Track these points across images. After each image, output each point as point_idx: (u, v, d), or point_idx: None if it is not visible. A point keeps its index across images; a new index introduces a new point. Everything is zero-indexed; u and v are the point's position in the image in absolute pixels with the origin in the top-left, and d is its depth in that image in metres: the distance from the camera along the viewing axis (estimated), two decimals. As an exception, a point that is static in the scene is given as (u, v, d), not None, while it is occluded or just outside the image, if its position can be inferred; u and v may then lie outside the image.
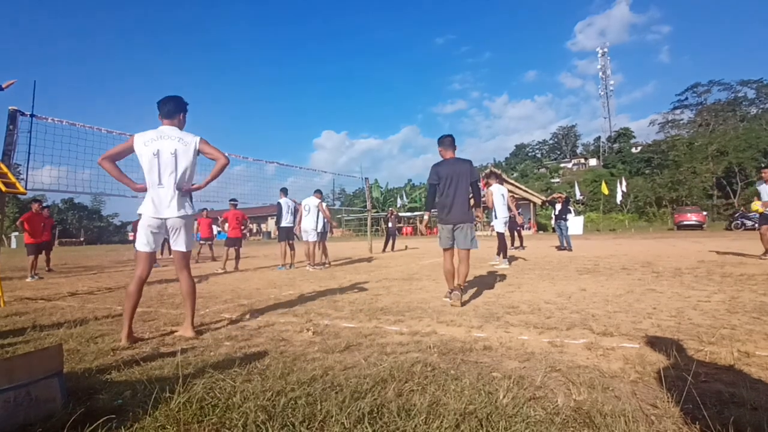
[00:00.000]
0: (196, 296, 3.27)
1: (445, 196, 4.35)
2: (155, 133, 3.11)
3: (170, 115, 3.23)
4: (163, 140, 3.09)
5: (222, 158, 3.16)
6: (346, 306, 4.24)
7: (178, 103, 3.27)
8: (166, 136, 3.10)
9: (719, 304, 3.75)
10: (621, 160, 54.80)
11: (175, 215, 3.07)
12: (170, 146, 3.07)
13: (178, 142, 3.10)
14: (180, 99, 3.31)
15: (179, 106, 3.27)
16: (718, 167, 38.92)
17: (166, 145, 3.08)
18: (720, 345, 2.53)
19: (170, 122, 3.22)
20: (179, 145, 3.09)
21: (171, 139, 3.09)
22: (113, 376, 2.22)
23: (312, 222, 8.82)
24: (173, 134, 3.13)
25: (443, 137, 4.54)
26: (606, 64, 71.76)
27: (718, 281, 5.11)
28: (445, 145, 4.50)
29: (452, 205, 4.31)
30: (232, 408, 1.74)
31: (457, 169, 4.33)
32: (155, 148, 3.05)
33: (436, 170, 4.40)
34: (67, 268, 11.40)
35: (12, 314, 4.20)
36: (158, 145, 3.07)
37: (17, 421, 1.60)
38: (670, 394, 1.78)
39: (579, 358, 2.39)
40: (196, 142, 3.16)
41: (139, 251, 3.10)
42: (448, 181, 4.32)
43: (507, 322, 3.33)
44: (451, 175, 4.32)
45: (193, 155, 3.15)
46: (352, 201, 57.27)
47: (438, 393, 1.87)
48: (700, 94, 55.21)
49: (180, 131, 3.19)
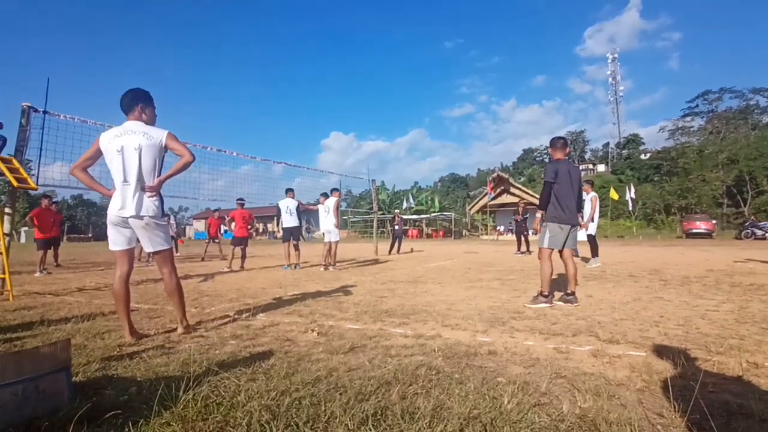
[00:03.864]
0: (182, 294, 3.20)
1: (564, 197, 4.31)
2: (119, 130, 2.98)
3: (128, 109, 3.06)
4: (127, 136, 2.93)
5: (186, 154, 2.98)
6: (350, 307, 4.24)
7: (134, 96, 3.08)
8: (129, 132, 2.95)
9: (728, 314, 3.70)
10: (630, 166, 54.34)
11: (135, 214, 2.92)
12: (134, 141, 2.91)
13: (143, 136, 2.93)
14: (137, 91, 3.11)
15: (135, 99, 3.07)
16: (729, 175, 38.45)
17: (130, 141, 2.92)
18: (728, 355, 2.50)
19: (132, 117, 3.05)
20: (143, 139, 2.93)
21: (135, 134, 2.94)
22: (119, 372, 2.24)
23: (332, 222, 8.92)
24: (138, 129, 2.97)
25: (556, 139, 4.57)
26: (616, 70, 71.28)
27: (727, 290, 5.05)
28: (557, 146, 4.53)
29: (571, 205, 4.34)
30: (237, 407, 1.74)
31: (572, 171, 4.40)
32: (119, 145, 2.91)
33: (555, 168, 4.34)
34: (75, 263, 11.51)
35: (21, 308, 4.25)
36: (122, 141, 2.92)
37: (25, 414, 1.62)
38: (676, 404, 1.76)
39: (585, 365, 2.37)
40: (162, 136, 3.00)
41: (113, 251, 3.06)
42: (567, 181, 4.33)
43: (512, 327, 3.31)
44: (568, 176, 4.34)
45: (158, 150, 2.99)
46: (358, 202, 57.27)
47: (442, 397, 1.87)
48: (710, 101, 54.58)
49: (146, 126, 3.03)
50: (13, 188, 5.23)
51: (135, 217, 2.92)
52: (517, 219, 13.44)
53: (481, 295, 4.99)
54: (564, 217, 4.29)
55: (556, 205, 4.32)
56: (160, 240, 3.10)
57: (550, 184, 4.31)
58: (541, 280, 4.29)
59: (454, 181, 77.84)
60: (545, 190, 4.35)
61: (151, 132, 2.99)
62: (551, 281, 4.27)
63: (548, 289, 4.21)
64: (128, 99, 3.06)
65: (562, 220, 4.30)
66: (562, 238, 4.32)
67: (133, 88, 3.12)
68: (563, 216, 4.29)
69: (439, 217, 41.44)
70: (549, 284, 4.23)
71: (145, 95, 3.13)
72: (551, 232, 4.33)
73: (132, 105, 3.05)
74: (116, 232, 3.01)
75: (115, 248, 3.05)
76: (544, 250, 4.34)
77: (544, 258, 4.32)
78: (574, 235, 4.40)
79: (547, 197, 4.36)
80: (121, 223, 2.97)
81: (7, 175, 5.01)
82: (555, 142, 4.56)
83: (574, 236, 4.41)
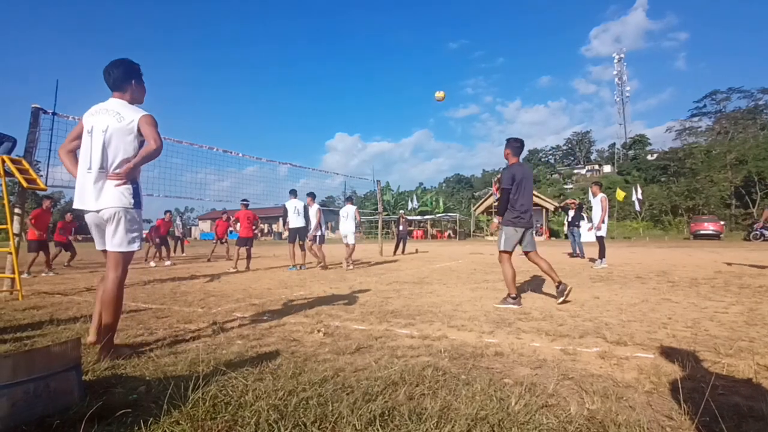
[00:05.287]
0: (117, 308, 2.56)
1: (521, 201, 4.41)
2: (97, 107, 2.57)
3: (118, 85, 2.59)
4: (100, 115, 2.50)
5: (152, 142, 2.47)
6: (356, 308, 4.25)
7: (128, 70, 2.60)
8: (104, 110, 2.52)
9: (737, 316, 3.67)
10: (636, 167, 54.05)
11: (96, 208, 2.47)
12: (103, 122, 2.47)
13: (114, 117, 2.48)
14: (130, 63, 2.62)
15: (130, 73, 2.61)
16: (737, 176, 38.13)
17: (99, 121, 2.48)
18: (738, 357, 2.48)
19: (120, 95, 2.59)
20: (113, 121, 2.47)
21: (108, 114, 2.50)
22: (128, 371, 2.26)
23: (351, 226, 9.68)
24: (113, 108, 2.52)
25: (514, 140, 4.58)
26: (622, 70, 71.06)
27: (736, 292, 5.00)
28: (514, 149, 4.55)
29: (529, 208, 4.47)
30: (245, 406, 1.75)
31: (527, 174, 4.49)
32: (89, 125, 2.50)
33: (512, 173, 4.40)
34: (83, 264, 11.61)
35: (30, 308, 4.30)
36: (93, 120, 2.50)
37: (36, 412, 1.64)
38: (686, 406, 1.75)
39: (592, 367, 2.36)
40: (136, 118, 2.51)
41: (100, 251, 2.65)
42: (523, 185, 4.42)
43: (518, 329, 3.30)
44: (524, 180, 4.43)
45: (130, 135, 2.50)
46: (363, 203, 57.33)
47: (449, 397, 1.87)
48: (718, 101, 54.18)
49: (126, 106, 2.57)
50: (22, 189, 5.29)
51: (96, 210, 2.49)
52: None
53: (487, 296, 4.98)
54: (520, 221, 4.42)
55: (512, 210, 4.43)
56: (123, 238, 2.56)
57: (507, 190, 4.41)
58: (505, 283, 4.36)
59: (458, 181, 77.70)
60: (503, 197, 4.45)
61: (126, 112, 2.52)
62: (514, 282, 4.32)
63: (514, 290, 4.28)
64: (120, 72, 2.58)
65: (517, 223, 4.42)
66: (516, 240, 4.43)
67: (122, 58, 2.60)
68: (520, 220, 4.41)
69: (444, 218, 41.36)
70: (513, 286, 4.29)
71: (138, 69, 2.67)
72: (507, 234, 4.44)
73: (125, 81, 2.60)
74: (91, 229, 2.63)
75: (97, 247, 2.68)
76: (503, 253, 4.44)
77: (504, 261, 4.42)
78: (529, 237, 4.51)
79: (505, 204, 4.46)
80: (90, 219, 2.59)
81: (17, 176, 5.06)
82: (513, 144, 4.56)
83: (529, 239, 4.51)
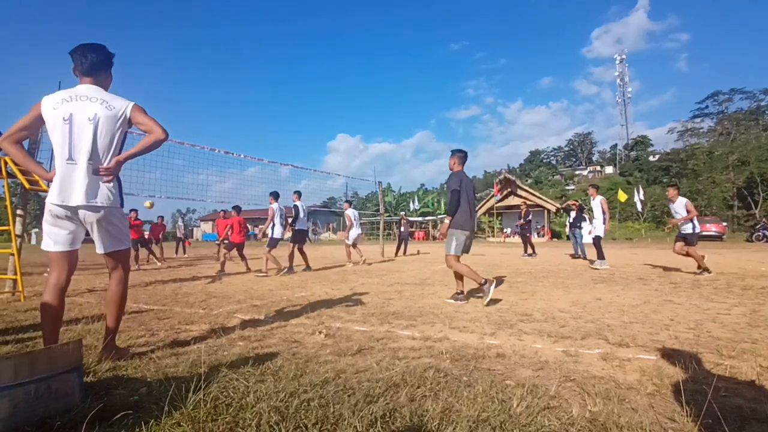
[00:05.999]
0: (123, 307, 2.57)
1: (467, 205, 4.65)
2: (68, 93, 2.34)
3: (94, 70, 2.42)
4: (80, 101, 2.31)
5: (158, 130, 2.37)
6: (358, 309, 4.25)
7: (106, 56, 2.46)
8: (83, 97, 2.33)
9: (740, 317, 3.65)
10: (638, 168, 53.91)
11: (87, 203, 2.28)
12: (89, 110, 2.30)
13: (101, 104, 2.33)
14: (105, 50, 2.46)
15: (108, 59, 2.47)
16: (739, 177, 37.97)
17: (82, 108, 2.30)
18: (741, 359, 2.47)
19: (94, 80, 2.43)
20: (101, 109, 2.32)
21: (91, 102, 2.32)
22: (129, 373, 2.26)
23: (359, 229, 10.78)
24: (95, 95, 2.35)
25: (460, 151, 4.91)
26: (624, 71, 71.05)
27: (739, 293, 4.98)
28: (459, 159, 4.86)
29: (474, 214, 4.71)
30: (246, 408, 1.75)
31: (469, 183, 4.80)
32: (67, 112, 2.28)
33: (460, 178, 4.68)
34: (85, 265, 11.61)
35: (32, 309, 4.31)
36: (71, 107, 2.29)
37: (38, 414, 1.64)
38: (688, 408, 1.74)
39: (594, 369, 2.35)
40: (127, 108, 2.40)
41: (48, 252, 2.37)
42: (468, 191, 4.69)
43: (520, 330, 3.30)
44: (469, 187, 4.74)
45: (120, 125, 2.38)
46: (364, 204, 57.40)
47: (451, 399, 1.86)
48: (720, 102, 54.09)
49: (105, 93, 2.42)
50: (24, 190, 5.31)
51: (86, 207, 2.29)
52: (520, 223, 13.47)
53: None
54: (468, 224, 4.65)
55: (461, 213, 4.62)
56: (118, 236, 2.48)
57: (458, 191, 4.60)
58: (467, 278, 4.60)
59: (460, 183, 77.46)
60: (454, 197, 4.61)
61: (113, 101, 2.38)
62: (475, 271, 4.53)
63: (480, 277, 4.46)
64: (100, 57, 2.43)
65: (466, 227, 4.64)
66: (462, 243, 4.64)
67: (96, 43, 2.44)
68: (468, 223, 4.65)
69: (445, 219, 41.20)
70: (477, 273, 4.50)
71: (113, 57, 2.52)
72: (458, 239, 4.63)
73: (102, 67, 2.45)
74: (55, 226, 2.34)
75: (53, 249, 2.35)
76: (451, 257, 4.61)
77: (454, 264, 4.63)
78: (469, 242, 4.76)
79: (457, 203, 4.61)
80: (63, 215, 2.31)
81: (19, 177, 5.08)
82: (458, 155, 4.89)
83: (469, 243, 4.77)
